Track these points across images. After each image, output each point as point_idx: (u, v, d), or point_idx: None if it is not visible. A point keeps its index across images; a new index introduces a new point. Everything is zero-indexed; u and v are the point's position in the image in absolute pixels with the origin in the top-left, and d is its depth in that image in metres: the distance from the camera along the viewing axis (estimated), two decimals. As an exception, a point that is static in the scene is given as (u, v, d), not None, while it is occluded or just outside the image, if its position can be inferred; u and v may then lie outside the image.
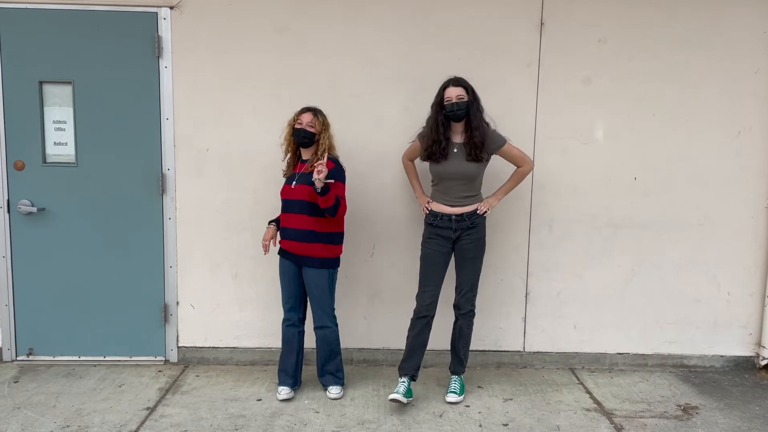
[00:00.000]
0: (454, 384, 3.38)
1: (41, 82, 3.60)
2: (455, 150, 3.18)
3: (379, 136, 3.65)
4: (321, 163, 2.99)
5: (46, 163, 3.66)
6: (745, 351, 3.89)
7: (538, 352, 3.87)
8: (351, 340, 3.76)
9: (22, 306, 3.75)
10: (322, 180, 2.97)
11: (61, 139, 3.66)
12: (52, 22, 3.55)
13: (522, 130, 3.66)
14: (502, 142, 3.23)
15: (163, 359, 3.82)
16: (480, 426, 3.08)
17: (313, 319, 3.33)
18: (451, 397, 3.32)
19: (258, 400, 3.32)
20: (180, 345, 3.81)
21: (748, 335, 3.88)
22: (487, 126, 3.20)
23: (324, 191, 3.02)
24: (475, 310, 3.33)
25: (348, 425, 3.06)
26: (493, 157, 3.28)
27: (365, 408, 3.25)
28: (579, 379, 3.69)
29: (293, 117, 3.24)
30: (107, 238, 3.70)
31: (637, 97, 3.68)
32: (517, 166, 3.30)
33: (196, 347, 3.81)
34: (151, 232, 3.71)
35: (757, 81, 3.68)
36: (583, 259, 3.79)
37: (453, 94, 3.12)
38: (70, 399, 3.30)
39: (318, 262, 3.22)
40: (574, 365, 3.87)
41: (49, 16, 3.55)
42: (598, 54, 3.64)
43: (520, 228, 3.77)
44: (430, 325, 3.28)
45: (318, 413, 3.18)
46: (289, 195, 3.23)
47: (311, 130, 3.19)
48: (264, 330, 3.79)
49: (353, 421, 3.11)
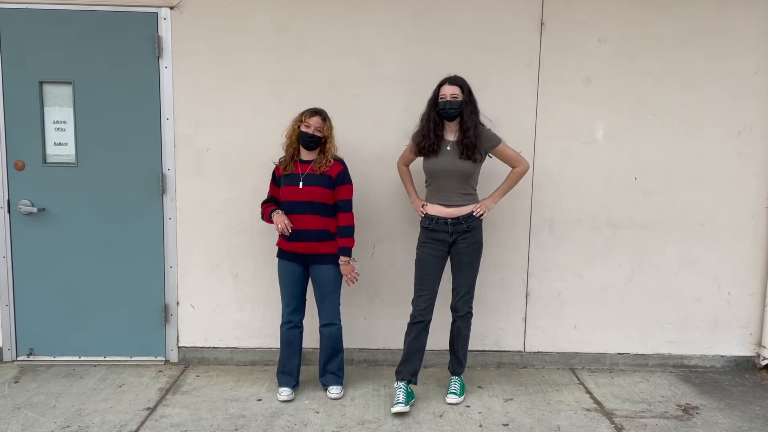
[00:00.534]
0: (454, 385, 3.37)
1: (41, 82, 3.60)
2: (448, 147, 3.15)
3: (379, 136, 3.65)
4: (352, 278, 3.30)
5: (46, 163, 3.66)
6: (745, 351, 3.88)
7: (539, 352, 3.87)
8: (351, 340, 3.75)
9: (22, 306, 3.75)
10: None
11: (61, 140, 3.66)
12: (52, 22, 3.55)
13: (522, 130, 3.66)
14: (497, 141, 3.21)
15: (164, 359, 3.82)
16: (480, 426, 3.08)
17: (320, 317, 3.33)
18: (451, 398, 3.32)
19: (258, 400, 3.32)
20: (180, 345, 3.81)
21: (748, 335, 3.87)
22: (482, 126, 3.18)
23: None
24: (473, 311, 3.32)
25: (348, 425, 3.06)
26: (489, 158, 3.26)
27: (365, 408, 3.25)
28: (579, 379, 3.69)
29: (299, 117, 3.22)
30: (107, 238, 3.70)
31: (637, 97, 3.68)
32: (512, 167, 3.27)
33: (196, 347, 3.82)
34: (151, 232, 3.71)
35: (758, 81, 3.68)
36: (583, 259, 3.79)
37: (448, 92, 3.10)
38: (71, 399, 3.30)
39: (333, 258, 3.25)
40: (575, 365, 3.87)
41: (49, 16, 3.55)
42: (598, 54, 3.64)
43: (520, 228, 3.77)
44: (427, 329, 3.26)
45: (318, 413, 3.18)
46: (296, 196, 3.19)
47: (319, 135, 3.20)
48: (264, 330, 3.79)
49: (353, 421, 3.10)
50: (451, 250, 3.24)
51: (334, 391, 3.36)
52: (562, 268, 3.80)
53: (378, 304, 3.80)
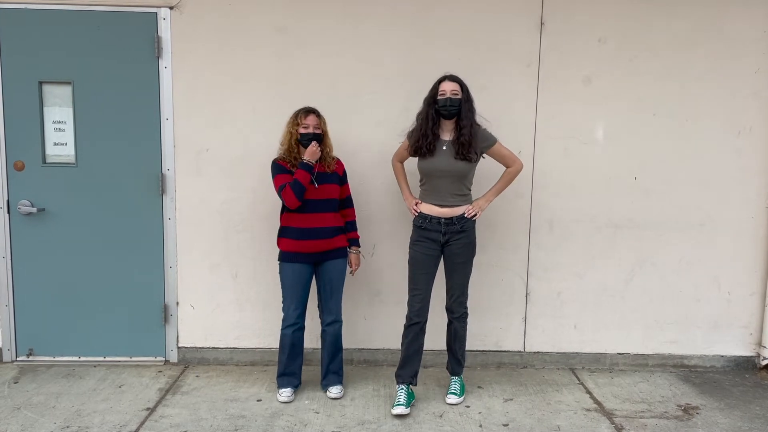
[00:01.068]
0: (454, 385, 3.37)
1: (41, 83, 3.60)
2: (444, 147, 3.13)
3: (379, 136, 3.64)
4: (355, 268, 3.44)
5: (45, 163, 3.66)
6: (745, 351, 3.88)
7: (539, 352, 3.87)
8: (351, 340, 3.76)
9: (22, 306, 3.75)
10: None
11: (60, 140, 3.66)
12: (52, 22, 3.55)
13: (522, 130, 3.66)
14: (492, 141, 3.19)
15: (163, 359, 3.81)
16: (480, 426, 3.08)
17: (325, 316, 3.35)
18: (451, 399, 3.31)
19: (258, 401, 3.32)
20: (180, 345, 3.81)
21: (748, 335, 3.87)
22: (478, 126, 3.16)
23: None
24: (468, 311, 3.31)
25: (348, 425, 3.06)
26: (483, 158, 3.24)
27: (365, 408, 3.25)
28: (579, 380, 3.69)
29: (293, 121, 3.20)
30: (107, 239, 3.70)
31: (637, 97, 3.68)
32: (507, 166, 3.26)
33: (196, 347, 3.81)
34: (151, 233, 3.71)
35: (758, 80, 3.67)
36: (583, 259, 3.79)
37: (448, 89, 3.08)
38: (70, 399, 3.30)
39: (344, 252, 3.35)
40: (575, 365, 3.87)
41: (49, 16, 3.55)
42: (598, 54, 3.64)
43: (520, 228, 3.76)
44: (423, 330, 3.23)
45: (318, 413, 3.17)
46: (315, 195, 3.20)
47: (319, 131, 3.22)
48: (264, 330, 3.79)
49: (353, 421, 3.10)
50: (444, 251, 3.21)
51: (335, 390, 3.35)
52: (562, 268, 3.80)
53: (378, 304, 3.80)
